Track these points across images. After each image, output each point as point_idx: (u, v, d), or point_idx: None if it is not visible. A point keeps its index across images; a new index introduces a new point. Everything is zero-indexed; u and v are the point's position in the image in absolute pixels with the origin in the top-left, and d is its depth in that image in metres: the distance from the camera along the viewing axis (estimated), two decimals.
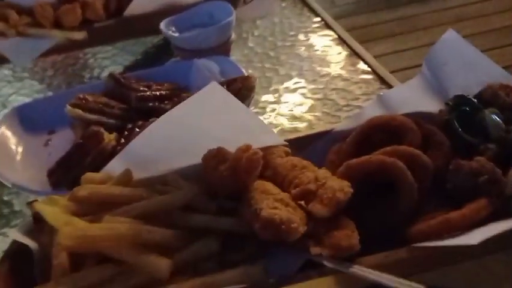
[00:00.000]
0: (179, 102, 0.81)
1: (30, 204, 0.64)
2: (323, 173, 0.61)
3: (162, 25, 1.04)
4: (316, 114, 0.91)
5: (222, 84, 0.86)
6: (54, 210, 0.59)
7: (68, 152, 0.77)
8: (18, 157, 0.84)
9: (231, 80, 0.86)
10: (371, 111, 0.72)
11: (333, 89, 0.97)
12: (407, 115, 0.69)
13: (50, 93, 1.09)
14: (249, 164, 0.57)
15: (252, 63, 1.10)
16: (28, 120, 0.92)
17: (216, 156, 0.63)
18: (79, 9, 1.12)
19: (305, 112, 0.92)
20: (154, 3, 1.17)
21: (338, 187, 0.56)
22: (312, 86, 0.99)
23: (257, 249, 0.58)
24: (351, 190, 0.56)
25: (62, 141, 0.89)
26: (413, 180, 0.58)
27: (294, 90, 0.99)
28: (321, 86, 0.98)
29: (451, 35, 0.77)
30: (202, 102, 0.70)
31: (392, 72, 1.05)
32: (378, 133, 0.68)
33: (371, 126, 0.68)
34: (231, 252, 0.59)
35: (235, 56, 1.11)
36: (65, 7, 1.12)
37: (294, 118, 0.91)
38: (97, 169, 0.73)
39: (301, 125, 0.89)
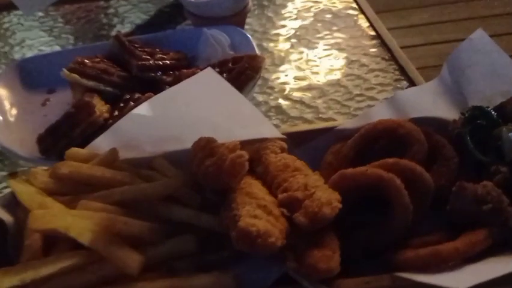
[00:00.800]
0: (180, 77, 0.78)
1: (10, 176, 0.62)
2: (314, 180, 0.56)
3: None
4: (326, 101, 0.86)
5: (227, 61, 0.81)
6: (29, 190, 0.57)
7: (58, 120, 0.74)
8: (13, 117, 0.82)
9: (237, 57, 0.80)
10: (380, 111, 0.66)
11: (348, 75, 0.90)
12: (417, 120, 0.64)
13: (56, 47, 1.05)
14: (233, 167, 0.53)
15: (266, 35, 1.03)
16: (28, 76, 0.89)
17: (204, 148, 0.60)
18: None
19: (315, 98, 0.87)
20: None
21: (326, 200, 0.52)
22: (327, 69, 0.92)
23: (235, 253, 0.55)
24: (340, 206, 0.52)
25: (61, 102, 0.86)
26: (410, 202, 0.53)
27: (307, 71, 0.93)
28: (336, 70, 0.92)
29: (479, 35, 0.69)
30: (196, 87, 0.66)
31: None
32: (383, 139, 0.63)
33: (375, 132, 0.62)
34: (208, 253, 0.57)
35: (251, 25, 1.05)
36: None
37: (301, 103, 0.86)
38: (86, 141, 0.70)
39: (308, 113, 0.84)
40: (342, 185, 0.56)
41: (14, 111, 0.83)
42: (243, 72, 0.78)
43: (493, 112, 0.63)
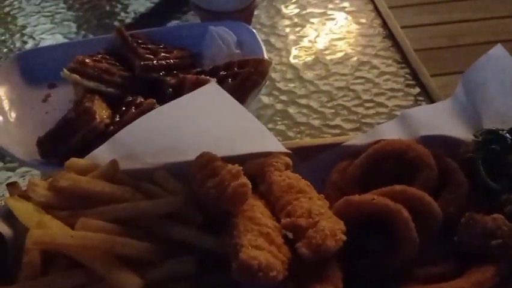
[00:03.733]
0: (183, 82, 0.75)
1: (9, 185, 0.61)
2: (319, 206, 0.55)
3: None
4: (334, 106, 0.83)
5: (232, 64, 0.79)
6: (27, 208, 0.55)
7: (58, 124, 0.72)
8: (13, 114, 0.80)
9: (243, 61, 0.77)
10: (389, 129, 0.64)
11: (358, 78, 0.88)
12: (428, 139, 0.62)
13: (58, 36, 1.02)
14: (235, 196, 0.51)
15: (274, 29, 0.99)
16: (28, 70, 0.86)
17: (206, 167, 0.58)
18: None
19: (322, 102, 0.84)
20: None
21: (330, 232, 0.50)
22: (336, 70, 0.89)
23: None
24: (344, 238, 0.50)
25: (62, 98, 0.84)
26: (416, 236, 0.52)
27: (315, 72, 0.89)
28: (346, 72, 0.89)
29: (497, 51, 0.66)
30: (199, 100, 0.64)
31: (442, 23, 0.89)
32: (391, 160, 0.61)
33: (384, 153, 0.60)
34: (208, 275, 0.56)
35: (258, 18, 1.01)
36: None
37: (309, 108, 0.83)
38: (86, 146, 0.69)
39: (314, 120, 0.81)
40: (347, 212, 0.54)
41: (13, 108, 0.81)
42: (249, 77, 0.75)
43: (508, 136, 0.60)
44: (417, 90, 0.84)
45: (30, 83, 0.86)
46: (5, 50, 0.99)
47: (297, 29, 0.99)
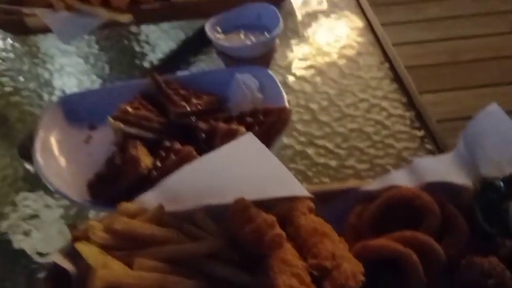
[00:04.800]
0: (215, 130, 0.85)
1: (70, 227, 0.71)
2: (341, 249, 0.64)
3: (207, 26, 1.04)
4: (348, 147, 0.92)
5: (257, 112, 0.88)
6: (93, 251, 0.65)
7: (107, 169, 0.82)
8: (61, 156, 0.89)
9: (268, 109, 0.87)
10: (399, 176, 0.74)
11: (369, 120, 0.97)
12: (432, 186, 0.71)
13: (93, 77, 1.12)
14: (272, 244, 0.61)
15: (290, 70, 1.09)
16: (71, 113, 0.96)
17: (243, 212, 0.67)
18: None
19: (338, 144, 0.93)
20: None
21: (351, 273, 0.60)
22: (350, 114, 0.99)
23: None
24: (363, 278, 0.60)
25: (103, 140, 0.93)
26: (424, 277, 0.61)
27: (330, 115, 0.99)
28: (359, 114, 0.98)
29: (493, 109, 0.75)
30: (236, 150, 0.73)
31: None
32: (401, 206, 0.71)
33: (394, 200, 0.70)
34: None
35: (275, 59, 1.10)
36: None
37: (326, 149, 0.92)
38: (132, 190, 0.79)
39: (331, 160, 0.91)
40: (364, 255, 0.64)
41: (61, 150, 0.90)
42: (273, 125, 0.85)
43: (502, 185, 0.70)
44: (422, 132, 0.94)
45: (73, 125, 0.96)
46: (47, 89, 1.09)
47: (312, 71, 1.08)
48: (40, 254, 0.81)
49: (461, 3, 3.42)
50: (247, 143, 0.74)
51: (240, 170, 0.73)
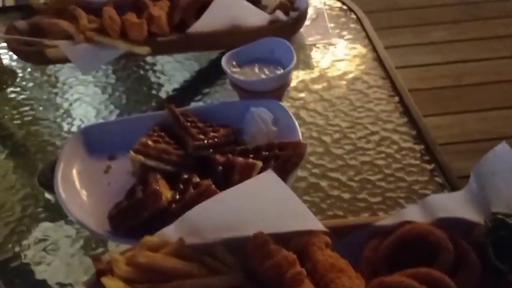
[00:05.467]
0: (232, 164, 0.87)
1: (94, 259, 0.73)
2: (358, 285, 0.67)
3: (223, 60, 1.07)
4: (360, 180, 0.94)
5: (273, 146, 0.91)
6: (118, 284, 0.67)
7: (127, 201, 0.84)
8: (81, 187, 0.92)
9: (283, 144, 0.90)
10: (413, 212, 0.76)
11: (380, 153, 1.00)
12: (445, 221, 0.74)
13: (111, 106, 1.15)
14: (293, 281, 0.63)
15: (303, 103, 1.12)
16: (92, 143, 0.99)
17: (263, 248, 0.70)
18: (146, 25, 1.16)
19: (350, 176, 0.96)
20: (217, 23, 1.20)
21: None
22: (362, 147, 1.01)
23: None
24: None
25: (121, 170, 0.95)
26: None
27: (343, 148, 1.01)
28: (370, 147, 1.01)
29: (503, 148, 0.78)
30: (256, 186, 0.76)
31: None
32: (415, 242, 0.73)
33: (409, 236, 0.72)
34: None
35: (288, 91, 1.14)
36: (132, 22, 1.15)
37: (339, 182, 0.95)
38: (152, 222, 0.81)
39: (344, 193, 0.93)
40: None
41: (82, 180, 0.93)
42: (289, 159, 0.87)
43: None
44: (432, 165, 0.96)
45: (93, 155, 0.99)
46: (67, 119, 1.12)
47: (324, 103, 1.12)
48: (61, 285, 0.82)
49: (463, 27, 3.49)
50: (267, 180, 0.77)
51: (259, 205, 0.76)
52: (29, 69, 1.26)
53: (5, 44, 1.25)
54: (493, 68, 3.05)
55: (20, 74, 1.25)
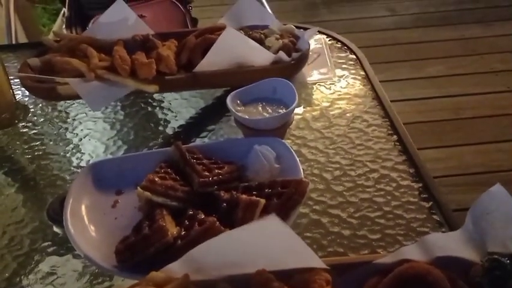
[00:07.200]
0: (237, 201, 0.90)
1: None
2: None
3: (228, 99, 1.11)
4: (360, 217, 0.97)
5: (276, 183, 0.94)
6: None
7: (134, 237, 0.86)
8: (89, 221, 0.94)
9: (286, 181, 0.93)
10: (411, 251, 0.79)
11: (379, 190, 1.03)
12: (443, 260, 0.76)
13: (119, 142, 1.19)
14: None
15: (304, 140, 1.16)
16: (99, 178, 1.02)
17: (265, 285, 0.72)
18: (155, 64, 1.21)
19: (350, 213, 0.98)
20: (222, 62, 1.25)
21: None
22: (361, 185, 1.03)
23: None
24: None
25: (128, 204, 0.98)
26: None
27: (343, 185, 1.04)
28: (369, 184, 1.04)
29: (497, 189, 0.81)
30: (261, 228, 0.79)
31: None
32: (413, 281, 0.76)
33: (407, 275, 0.75)
34: None
35: (290, 130, 1.18)
36: (142, 62, 1.20)
37: (339, 218, 0.97)
38: (157, 257, 0.83)
39: (344, 229, 0.95)
40: None
41: (90, 215, 0.96)
42: (291, 197, 0.90)
43: (508, 263, 0.75)
44: (430, 203, 0.99)
45: (101, 190, 1.02)
46: (76, 154, 1.16)
47: (325, 141, 1.15)
48: None
49: (460, 62, 3.58)
50: (271, 223, 0.79)
51: (262, 245, 0.78)
52: (40, 105, 1.30)
53: (18, 80, 1.29)
54: (490, 102, 3.11)
55: (32, 110, 1.29)
